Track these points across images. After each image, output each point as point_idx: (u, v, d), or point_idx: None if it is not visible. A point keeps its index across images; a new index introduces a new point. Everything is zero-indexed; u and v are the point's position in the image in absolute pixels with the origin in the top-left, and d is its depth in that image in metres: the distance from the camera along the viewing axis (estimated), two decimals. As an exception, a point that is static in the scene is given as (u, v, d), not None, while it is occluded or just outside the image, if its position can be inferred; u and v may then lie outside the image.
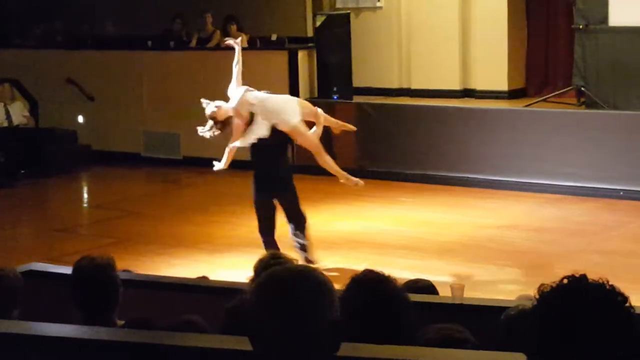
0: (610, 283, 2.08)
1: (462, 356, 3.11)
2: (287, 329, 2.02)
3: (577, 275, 2.09)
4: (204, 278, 6.38)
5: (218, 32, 15.02)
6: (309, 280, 2.08)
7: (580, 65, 12.59)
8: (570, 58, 12.97)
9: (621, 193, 11.41)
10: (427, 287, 5.15)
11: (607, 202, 11.30)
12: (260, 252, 4.97)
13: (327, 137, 9.96)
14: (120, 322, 4.20)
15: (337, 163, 9.13)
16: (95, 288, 4.19)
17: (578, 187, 11.68)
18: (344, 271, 8.27)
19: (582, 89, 12.54)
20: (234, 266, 8.88)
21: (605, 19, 12.34)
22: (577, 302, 2.03)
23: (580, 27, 12.52)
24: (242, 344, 2.24)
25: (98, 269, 4.24)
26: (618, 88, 12.29)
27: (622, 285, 2.13)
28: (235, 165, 14.09)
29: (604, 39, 12.42)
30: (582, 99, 12.62)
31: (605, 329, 2.01)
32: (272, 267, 4.32)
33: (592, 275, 2.10)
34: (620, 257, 9.20)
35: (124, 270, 5.73)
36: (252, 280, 4.20)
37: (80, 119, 15.79)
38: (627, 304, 2.05)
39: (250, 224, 10.93)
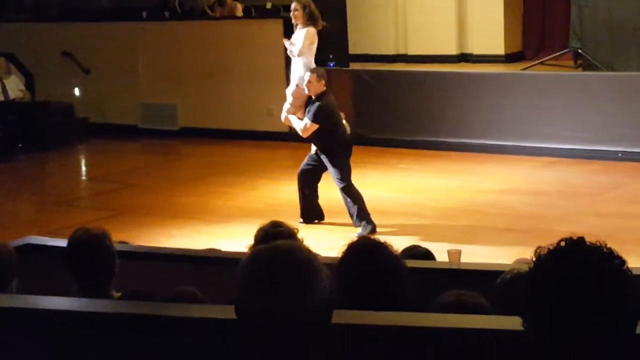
0: (607, 246, 2.07)
1: (453, 320, 3.11)
2: (270, 309, 2.02)
3: (574, 238, 2.08)
4: (214, 250, 6.35)
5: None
6: (293, 260, 2.07)
7: (576, 27, 12.54)
8: (567, 20, 12.92)
9: (619, 155, 11.40)
10: (424, 254, 5.14)
11: (605, 164, 11.30)
12: (260, 222, 4.95)
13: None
14: (117, 294, 4.20)
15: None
16: (91, 259, 4.19)
17: (576, 150, 11.67)
18: (342, 239, 8.26)
19: (579, 51, 12.50)
20: (233, 236, 8.89)
21: (601, -21, 12.29)
22: (573, 265, 2.02)
23: (577, -12, 12.46)
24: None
25: (93, 240, 4.23)
26: (615, 49, 12.25)
27: (620, 246, 2.12)
28: (232, 135, 14.16)
29: (600, 0, 12.36)
30: (579, 61, 12.59)
31: (600, 292, 2.00)
32: (272, 235, 4.34)
33: (590, 238, 2.09)
34: (618, 218, 9.20)
35: (120, 242, 5.73)
36: (251, 247, 4.18)
37: (77, 92, 15.76)
38: (624, 267, 2.04)
39: (248, 194, 10.97)
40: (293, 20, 9.75)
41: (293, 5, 9.69)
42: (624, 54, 12.18)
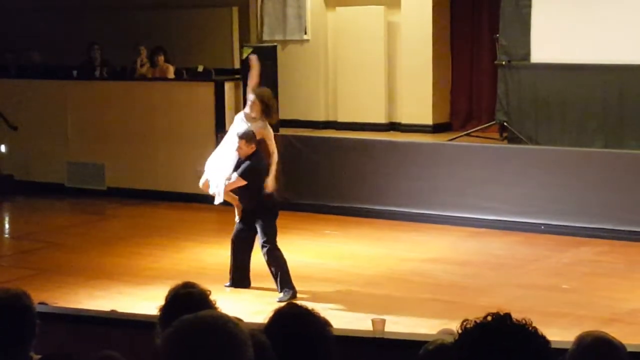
0: (532, 325, 2.10)
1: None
2: None
3: (501, 313, 2.10)
4: (113, 312, 6.34)
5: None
6: (218, 333, 2.08)
7: (503, 101, 12.80)
8: (494, 94, 13.19)
9: (542, 227, 11.57)
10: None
11: (528, 236, 11.46)
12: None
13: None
14: (37, 357, 4.12)
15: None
16: (10, 320, 4.10)
17: (500, 221, 11.82)
18: (267, 304, 8.24)
19: (505, 124, 12.74)
20: (156, 298, 8.71)
21: (527, 55, 12.59)
22: (499, 341, 2.04)
23: (503, 63, 12.75)
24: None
25: (12, 300, 4.15)
26: (539, 123, 12.52)
27: (541, 318, 2.17)
28: (160, 196, 14.08)
29: (526, 75, 12.66)
30: (505, 134, 12.82)
31: None
32: (181, 296, 4.27)
33: (513, 309, 2.12)
34: (539, 290, 9.32)
35: (41, 303, 5.64)
36: (161, 308, 4.12)
37: (3, 148, 15.57)
38: (549, 347, 2.08)
39: (173, 256, 10.89)
40: (248, 110, 9.66)
41: (252, 97, 9.66)
42: (548, 128, 12.45)
